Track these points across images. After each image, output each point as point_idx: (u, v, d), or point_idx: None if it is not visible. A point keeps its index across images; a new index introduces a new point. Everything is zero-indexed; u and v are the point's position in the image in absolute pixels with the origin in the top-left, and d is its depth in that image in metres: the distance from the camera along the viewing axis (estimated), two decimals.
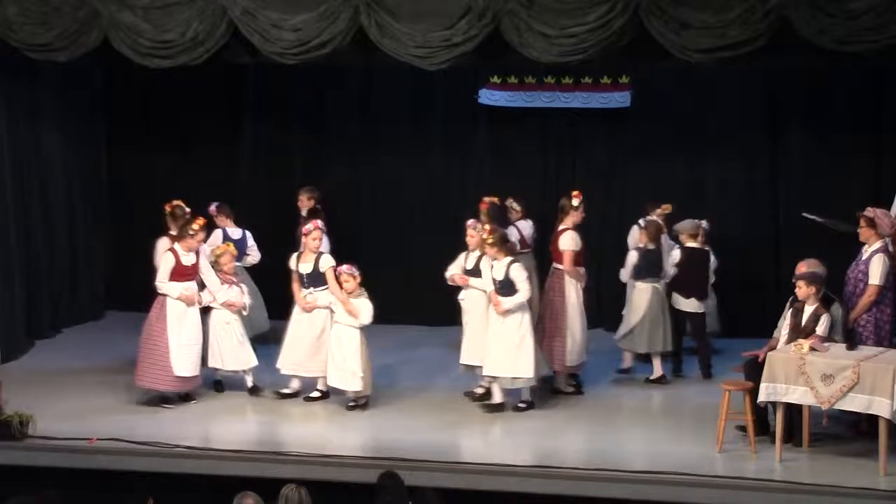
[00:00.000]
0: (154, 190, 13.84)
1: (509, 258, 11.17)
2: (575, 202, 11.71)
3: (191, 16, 11.45)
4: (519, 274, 11.09)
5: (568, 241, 11.64)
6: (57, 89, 13.97)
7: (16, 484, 9.28)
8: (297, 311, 11.59)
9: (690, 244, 12.45)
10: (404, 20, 11.07)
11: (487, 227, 11.50)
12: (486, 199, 12.83)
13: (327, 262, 11.49)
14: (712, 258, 12.71)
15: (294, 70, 13.34)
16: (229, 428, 10.93)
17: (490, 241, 11.21)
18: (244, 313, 11.86)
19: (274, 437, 10.76)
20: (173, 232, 11.88)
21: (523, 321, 11.15)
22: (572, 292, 11.65)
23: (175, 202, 12.31)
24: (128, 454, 10.19)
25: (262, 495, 7.82)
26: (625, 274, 12.36)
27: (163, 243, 11.98)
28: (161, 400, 11.36)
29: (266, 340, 12.57)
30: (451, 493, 9.15)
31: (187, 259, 11.40)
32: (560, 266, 11.68)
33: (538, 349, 11.23)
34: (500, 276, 11.14)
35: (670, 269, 12.29)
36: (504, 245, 11.28)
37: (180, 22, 11.48)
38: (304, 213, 13.37)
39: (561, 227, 11.74)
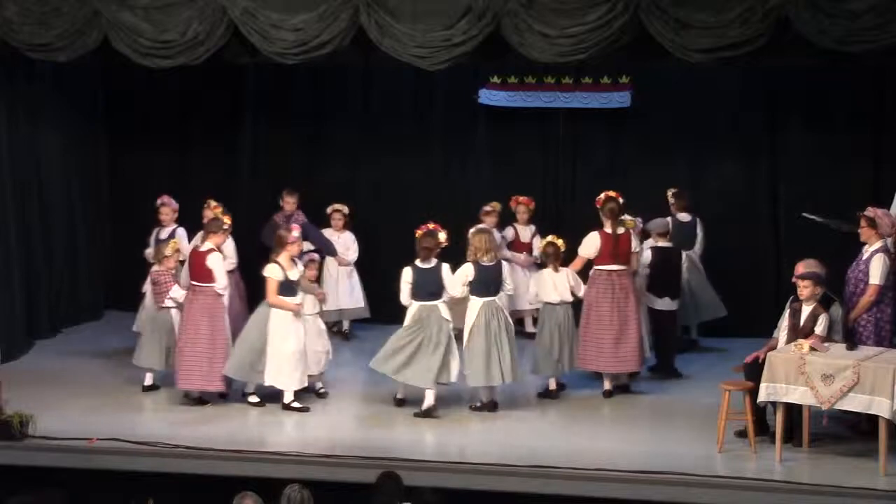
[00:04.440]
0: (154, 190, 13.83)
1: None
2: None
3: (191, 16, 11.45)
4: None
5: None
6: (57, 89, 13.97)
7: (16, 484, 9.29)
8: (289, 324, 11.36)
9: (662, 243, 12.48)
10: (404, 20, 11.07)
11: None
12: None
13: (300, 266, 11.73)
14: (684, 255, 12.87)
15: (294, 70, 13.37)
16: (229, 428, 10.93)
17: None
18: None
19: (272, 437, 10.77)
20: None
21: None
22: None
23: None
24: (128, 454, 10.19)
25: (262, 495, 7.83)
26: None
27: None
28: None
29: None
30: (451, 493, 9.16)
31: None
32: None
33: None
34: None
35: (642, 269, 12.27)
36: None
37: (180, 22, 11.48)
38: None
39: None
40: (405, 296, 11.22)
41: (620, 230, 11.77)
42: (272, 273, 11.22)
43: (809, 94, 13.78)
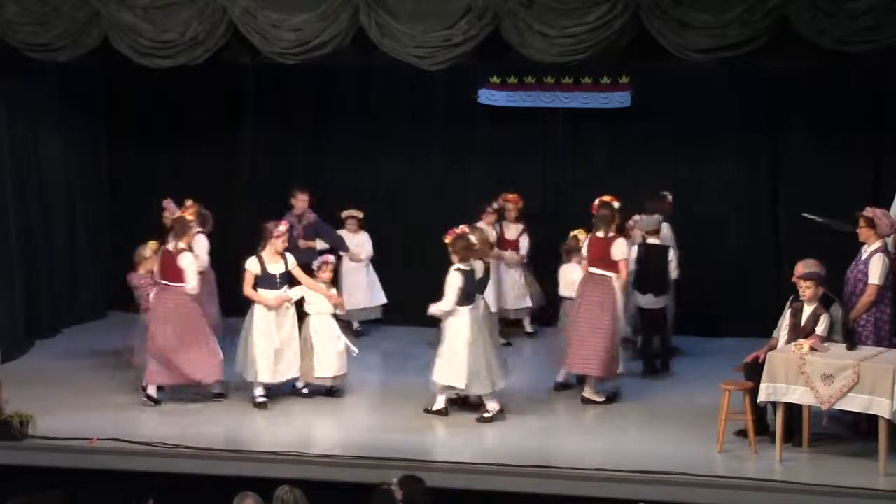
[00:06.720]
0: (154, 190, 13.83)
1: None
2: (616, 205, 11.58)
3: (191, 16, 11.47)
4: None
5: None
6: (57, 89, 13.98)
7: (16, 484, 9.29)
8: (264, 318, 11.38)
9: (651, 240, 12.50)
10: (404, 20, 11.08)
11: None
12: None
13: (292, 260, 11.59)
14: (671, 253, 12.68)
15: (294, 70, 13.37)
16: (229, 428, 10.94)
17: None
18: None
19: (273, 437, 10.76)
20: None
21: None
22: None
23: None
24: (128, 454, 10.20)
25: (261, 495, 7.83)
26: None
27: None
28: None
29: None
30: (451, 493, 9.15)
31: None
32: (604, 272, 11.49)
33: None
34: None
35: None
36: None
37: (180, 22, 11.50)
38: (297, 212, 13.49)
39: (611, 235, 11.53)
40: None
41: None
42: (249, 266, 11.38)
43: (809, 94, 13.78)
